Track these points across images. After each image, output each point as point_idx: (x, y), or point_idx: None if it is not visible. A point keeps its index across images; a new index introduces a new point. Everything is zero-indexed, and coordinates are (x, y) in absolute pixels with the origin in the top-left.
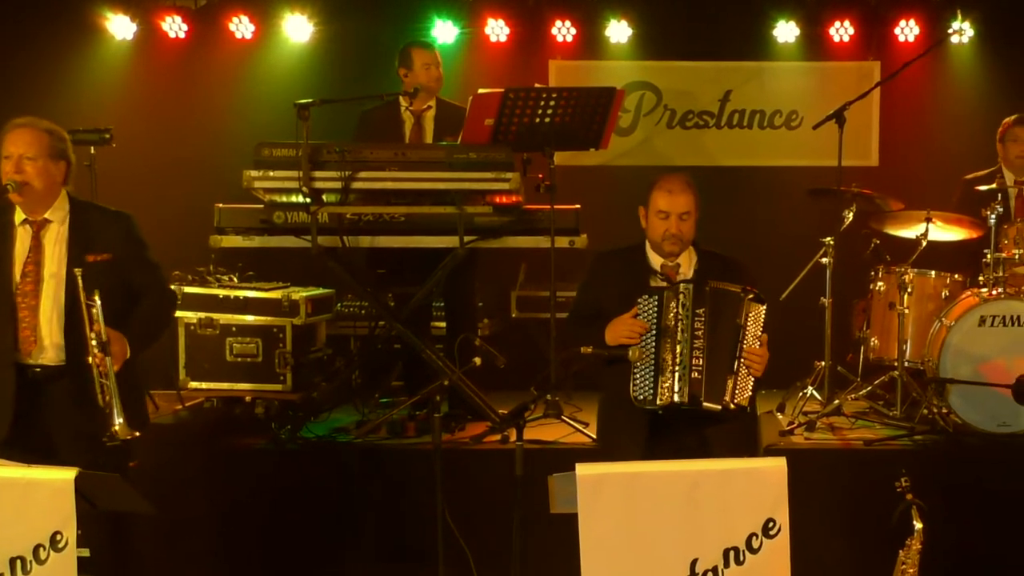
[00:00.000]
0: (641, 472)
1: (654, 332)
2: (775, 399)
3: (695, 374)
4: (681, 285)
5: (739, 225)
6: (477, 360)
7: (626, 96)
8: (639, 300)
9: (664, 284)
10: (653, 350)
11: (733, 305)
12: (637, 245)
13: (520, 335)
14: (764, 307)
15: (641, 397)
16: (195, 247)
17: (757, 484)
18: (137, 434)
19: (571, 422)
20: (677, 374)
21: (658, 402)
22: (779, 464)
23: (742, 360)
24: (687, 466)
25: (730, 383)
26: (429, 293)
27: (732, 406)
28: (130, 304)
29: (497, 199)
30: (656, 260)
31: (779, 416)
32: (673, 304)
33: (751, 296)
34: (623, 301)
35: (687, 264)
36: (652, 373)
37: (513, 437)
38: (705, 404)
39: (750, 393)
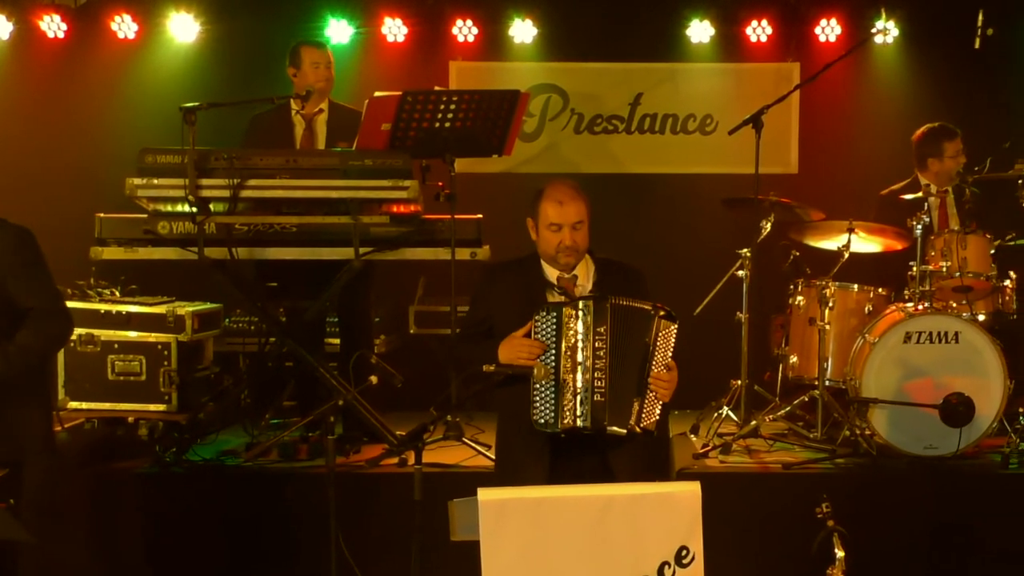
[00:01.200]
0: (546, 497)
1: (553, 351)
2: (688, 420)
3: (598, 397)
4: (580, 302)
5: (650, 236)
6: (373, 378)
7: (531, 99)
8: (536, 317)
9: (563, 298)
10: (553, 370)
11: (641, 323)
12: (530, 256)
13: (419, 352)
14: (675, 326)
15: (542, 421)
16: (75, 259)
17: (670, 510)
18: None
19: (473, 444)
20: (579, 397)
21: (559, 426)
22: (693, 489)
23: (650, 382)
24: (595, 491)
25: (636, 406)
26: (323, 308)
27: (638, 430)
28: (16, 327)
29: (394, 208)
30: (552, 272)
31: (693, 438)
32: (573, 321)
33: (662, 314)
34: (519, 317)
35: (584, 275)
36: (553, 395)
37: (411, 460)
38: (609, 428)
39: (657, 417)
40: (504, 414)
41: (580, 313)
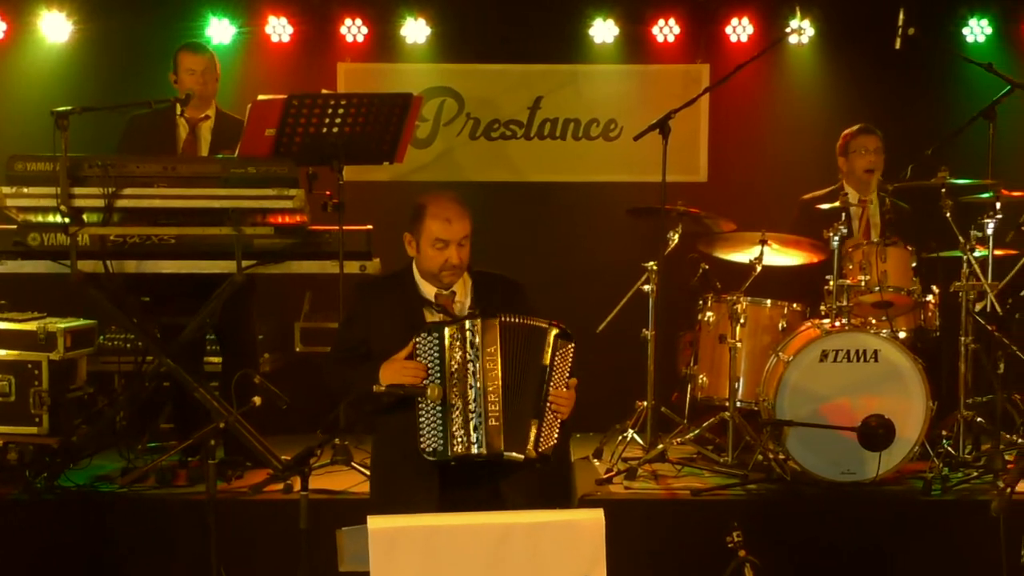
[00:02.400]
0: (441, 526)
1: (438, 374)
2: (591, 444)
3: (492, 421)
4: (467, 321)
5: (551, 248)
6: (257, 400)
7: (424, 103)
8: (416, 340)
9: (442, 317)
10: (440, 394)
11: (536, 342)
12: (404, 271)
13: (305, 371)
14: (572, 344)
15: (431, 449)
16: None
17: (571, 539)
18: None
19: (362, 470)
20: (472, 422)
21: (450, 453)
22: (596, 517)
23: (548, 404)
24: (493, 519)
25: (534, 430)
26: (202, 324)
27: (535, 455)
28: None
29: (279, 219)
30: (429, 289)
31: (596, 463)
32: (458, 342)
33: (556, 332)
34: (396, 338)
35: (463, 291)
36: (441, 421)
37: (297, 486)
38: (507, 455)
39: (555, 441)
40: (382, 441)
41: (467, 333)
